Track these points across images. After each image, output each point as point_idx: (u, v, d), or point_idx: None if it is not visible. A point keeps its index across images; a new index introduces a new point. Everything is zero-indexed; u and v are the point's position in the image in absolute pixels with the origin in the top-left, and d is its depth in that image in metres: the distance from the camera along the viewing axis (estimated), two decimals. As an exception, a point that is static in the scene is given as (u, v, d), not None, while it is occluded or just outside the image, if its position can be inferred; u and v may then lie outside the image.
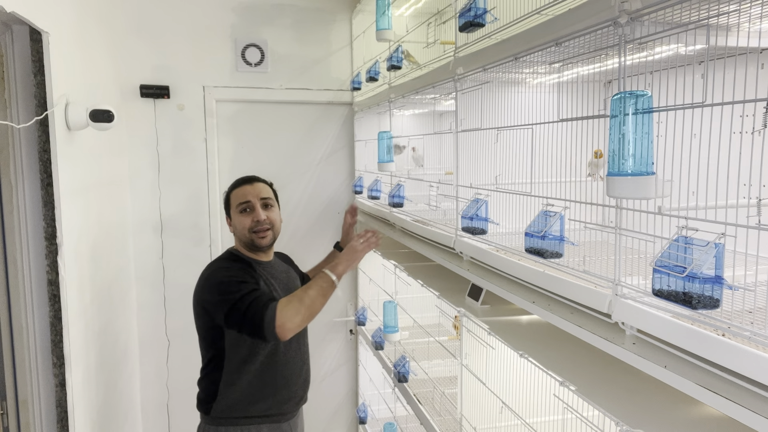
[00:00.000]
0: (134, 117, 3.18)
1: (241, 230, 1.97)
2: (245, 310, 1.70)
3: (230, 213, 2.02)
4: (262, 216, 1.95)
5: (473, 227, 1.80)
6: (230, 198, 2.02)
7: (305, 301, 1.74)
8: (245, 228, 1.95)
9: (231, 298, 1.74)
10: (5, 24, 1.96)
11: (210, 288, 1.84)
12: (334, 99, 3.55)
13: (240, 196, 1.98)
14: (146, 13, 3.16)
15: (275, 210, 2.03)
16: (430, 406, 2.35)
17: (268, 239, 1.98)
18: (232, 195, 2.01)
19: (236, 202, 1.98)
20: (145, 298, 3.29)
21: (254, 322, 1.68)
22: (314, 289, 1.78)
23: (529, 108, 1.64)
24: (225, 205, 2.06)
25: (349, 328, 3.77)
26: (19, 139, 2.03)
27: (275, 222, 2.01)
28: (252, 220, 1.95)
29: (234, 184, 2.04)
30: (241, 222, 1.96)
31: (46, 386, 2.12)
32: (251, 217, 1.96)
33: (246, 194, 1.97)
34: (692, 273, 0.95)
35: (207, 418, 1.94)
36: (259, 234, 1.95)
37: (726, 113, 1.00)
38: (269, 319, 1.67)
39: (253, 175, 2.07)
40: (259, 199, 1.98)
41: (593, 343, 1.26)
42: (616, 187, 1.07)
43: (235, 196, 2.00)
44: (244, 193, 1.98)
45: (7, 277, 2.07)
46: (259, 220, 1.95)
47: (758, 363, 0.88)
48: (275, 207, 2.04)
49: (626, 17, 1.13)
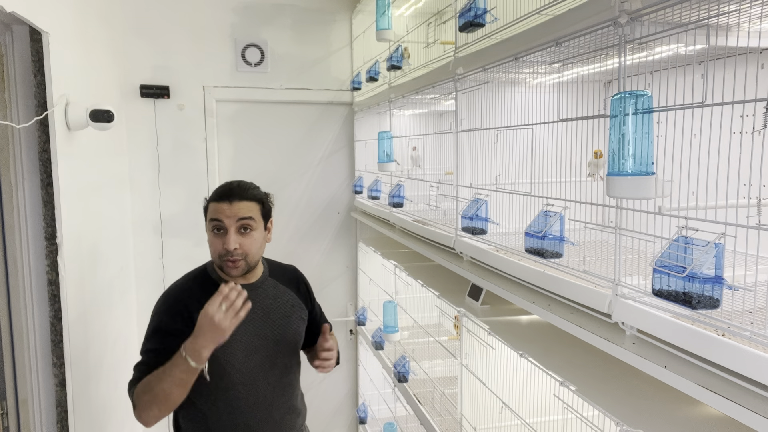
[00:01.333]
0: (134, 117, 3.18)
1: (212, 252, 1.67)
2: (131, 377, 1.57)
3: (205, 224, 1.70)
4: (232, 245, 1.60)
5: (473, 227, 1.80)
6: (207, 209, 1.68)
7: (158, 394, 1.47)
8: (215, 251, 1.64)
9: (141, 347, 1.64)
10: (5, 24, 1.96)
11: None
12: (334, 99, 3.55)
13: (213, 212, 1.64)
14: (146, 13, 3.16)
15: (253, 234, 1.65)
16: (430, 406, 2.35)
17: (239, 270, 1.64)
18: (209, 207, 1.67)
19: (209, 217, 1.66)
20: (145, 298, 3.28)
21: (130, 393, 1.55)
22: (168, 381, 1.46)
23: (529, 108, 1.64)
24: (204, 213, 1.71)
25: (349, 328, 3.77)
26: (19, 139, 2.03)
27: (250, 251, 1.64)
28: (222, 246, 1.62)
29: (214, 194, 1.68)
30: (212, 242, 1.65)
31: (46, 386, 2.11)
32: (222, 241, 1.62)
33: (220, 212, 1.62)
34: (692, 273, 0.95)
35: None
36: (227, 264, 1.62)
37: (726, 113, 1.01)
38: (133, 401, 1.53)
39: (238, 188, 1.66)
40: (236, 220, 1.61)
41: (593, 343, 1.26)
42: (616, 187, 1.07)
43: (210, 210, 1.66)
44: (219, 211, 1.62)
45: (7, 277, 2.07)
46: (228, 249, 1.60)
47: (758, 363, 0.88)
48: (255, 231, 1.65)
49: (626, 17, 1.13)
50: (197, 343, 1.45)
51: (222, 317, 1.44)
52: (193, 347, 1.45)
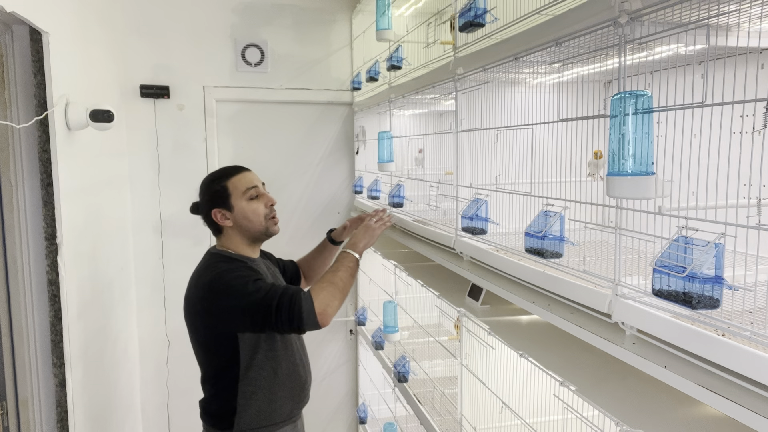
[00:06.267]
0: (134, 117, 3.18)
1: (255, 219, 1.79)
2: (277, 306, 1.57)
3: (230, 204, 1.78)
4: (274, 199, 1.84)
5: (473, 227, 1.80)
6: (228, 187, 1.78)
7: (338, 283, 1.67)
8: (260, 215, 1.79)
9: (255, 298, 1.59)
10: (5, 24, 1.96)
11: (221, 294, 1.65)
12: (334, 99, 3.55)
13: (246, 182, 1.80)
14: (146, 13, 3.16)
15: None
16: (430, 406, 2.35)
17: (278, 223, 1.87)
18: (232, 183, 1.79)
19: (243, 188, 1.78)
20: (145, 298, 3.29)
21: (292, 314, 1.57)
22: (342, 270, 1.72)
23: (529, 108, 1.64)
24: (217, 197, 1.79)
25: (349, 328, 3.77)
26: (19, 139, 2.03)
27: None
28: (266, 206, 1.81)
29: (226, 172, 1.82)
30: (254, 210, 1.78)
31: (46, 386, 2.12)
32: (263, 201, 1.81)
33: (252, 180, 1.82)
34: (692, 273, 0.95)
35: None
36: (274, 219, 1.84)
37: (726, 113, 1.00)
38: (308, 308, 1.57)
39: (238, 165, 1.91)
40: (262, 184, 1.87)
41: (593, 343, 1.26)
42: (616, 187, 1.07)
43: (238, 183, 1.79)
44: (250, 179, 1.82)
45: (7, 277, 2.07)
46: (274, 203, 1.83)
47: (758, 363, 0.88)
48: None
49: (626, 17, 1.13)
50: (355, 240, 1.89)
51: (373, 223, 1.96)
52: (352, 242, 1.88)
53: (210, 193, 1.81)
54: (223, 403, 1.76)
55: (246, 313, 1.61)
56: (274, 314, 1.58)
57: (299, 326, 1.59)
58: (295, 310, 1.57)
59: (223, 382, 1.76)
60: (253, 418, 1.75)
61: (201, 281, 1.73)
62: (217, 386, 1.78)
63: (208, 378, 1.81)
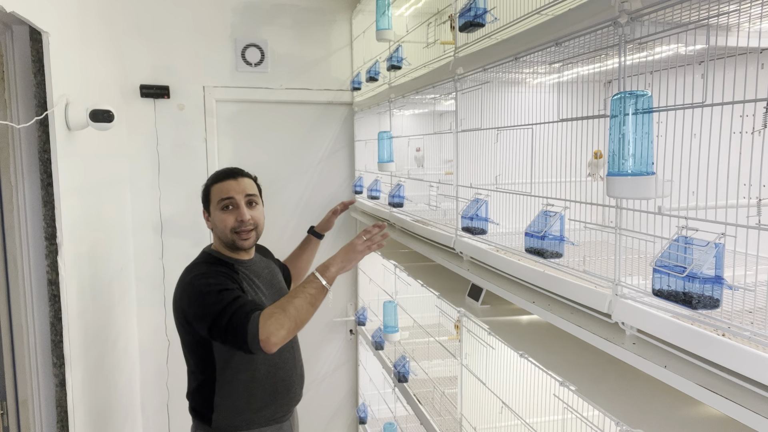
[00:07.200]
0: (134, 117, 3.18)
1: (222, 229, 1.80)
2: (227, 324, 1.56)
3: (209, 208, 1.84)
4: (246, 215, 1.78)
5: (473, 227, 1.80)
6: (210, 192, 1.83)
7: (290, 312, 1.57)
8: (227, 227, 1.79)
9: (212, 310, 1.60)
10: (5, 24, 1.96)
11: (190, 298, 1.69)
12: (334, 99, 3.55)
13: (222, 192, 1.79)
14: (146, 13, 3.16)
15: (259, 208, 1.87)
16: (430, 406, 2.35)
17: (251, 240, 1.83)
18: (213, 189, 1.82)
19: (217, 198, 1.80)
20: (145, 298, 3.28)
21: (237, 335, 1.55)
22: (301, 297, 1.60)
23: (529, 108, 1.64)
24: (204, 198, 1.87)
25: (349, 328, 3.77)
26: (19, 139, 2.03)
27: (259, 221, 1.85)
28: (235, 220, 1.78)
29: (215, 176, 1.85)
30: (222, 220, 1.79)
31: (46, 386, 2.12)
32: (234, 215, 1.78)
33: (229, 190, 1.79)
34: (692, 273, 0.95)
35: (209, 428, 1.82)
36: (242, 235, 1.79)
37: (726, 113, 1.00)
38: (252, 333, 1.53)
39: (236, 168, 1.88)
40: (244, 195, 1.80)
41: (593, 343, 1.26)
42: (616, 187, 1.07)
43: (216, 191, 1.81)
44: (227, 189, 1.79)
45: (7, 277, 2.07)
46: (243, 220, 1.78)
47: (758, 363, 0.88)
48: (260, 205, 1.87)
49: (626, 17, 1.13)
50: (330, 261, 1.70)
51: (360, 243, 1.74)
52: (326, 264, 1.69)
53: (202, 193, 1.91)
54: (201, 400, 1.82)
55: (205, 323, 1.62)
56: (224, 331, 1.58)
57: (243, 348, 1.57)
58: (239, 332, 1.55)
59: (201, 378, 1.81)
60: (231, 417, 1.80)
61: (181, 281, 1.78)
62: (197, 382, 1.84)
63: (191, 372, 1.88)
